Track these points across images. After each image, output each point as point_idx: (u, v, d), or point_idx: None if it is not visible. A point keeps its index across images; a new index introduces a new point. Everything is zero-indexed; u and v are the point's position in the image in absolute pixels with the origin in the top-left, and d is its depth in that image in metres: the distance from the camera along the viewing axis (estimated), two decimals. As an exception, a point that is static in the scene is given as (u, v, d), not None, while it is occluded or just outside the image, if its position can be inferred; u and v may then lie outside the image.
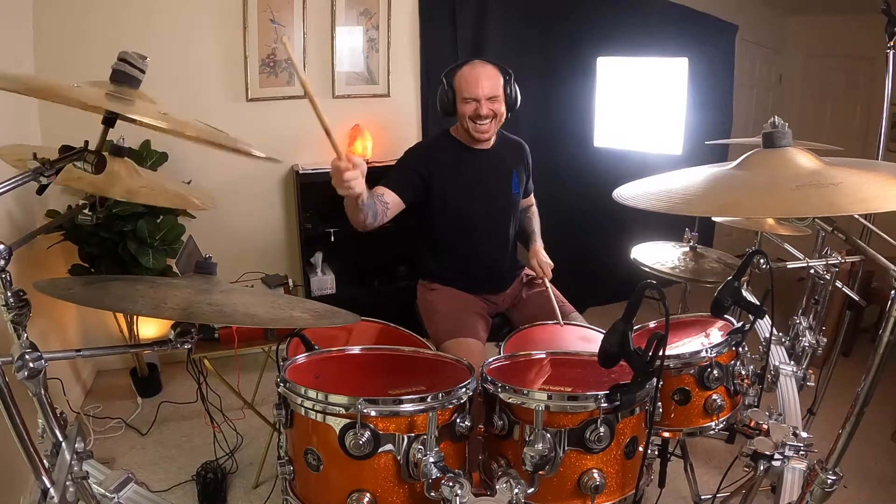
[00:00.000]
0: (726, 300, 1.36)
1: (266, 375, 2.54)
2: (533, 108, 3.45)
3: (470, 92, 1.89)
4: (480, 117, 1.91)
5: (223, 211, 3.04)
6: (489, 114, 1.91)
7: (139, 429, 2.62)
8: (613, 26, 3.44)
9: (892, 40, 1.97)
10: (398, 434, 1.05)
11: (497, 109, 1.93)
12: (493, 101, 1.91)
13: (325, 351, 1.34)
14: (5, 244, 0.84)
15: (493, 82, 1.90)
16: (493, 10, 3.29)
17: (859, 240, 1.02)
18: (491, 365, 1.30)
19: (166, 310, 0.99)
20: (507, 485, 1.03)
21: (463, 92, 1.91)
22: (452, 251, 2.07)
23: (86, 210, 1.21)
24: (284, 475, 1.16)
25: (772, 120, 1.10)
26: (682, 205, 1.03)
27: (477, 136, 1.95)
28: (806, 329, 1.88)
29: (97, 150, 0.94)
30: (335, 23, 3.03)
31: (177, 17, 2.80)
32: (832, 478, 1.00)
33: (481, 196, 2.04)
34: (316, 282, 3.09)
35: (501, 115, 1.95)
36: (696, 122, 3.02)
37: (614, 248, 2.42)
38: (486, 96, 1.89)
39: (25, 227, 2.39)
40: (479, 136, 1.95)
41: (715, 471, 2.29)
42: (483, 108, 1.89)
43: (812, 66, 4.51)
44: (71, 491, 0.90)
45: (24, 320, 0.87)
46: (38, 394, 0.88)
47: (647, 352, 1.09)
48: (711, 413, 1.40)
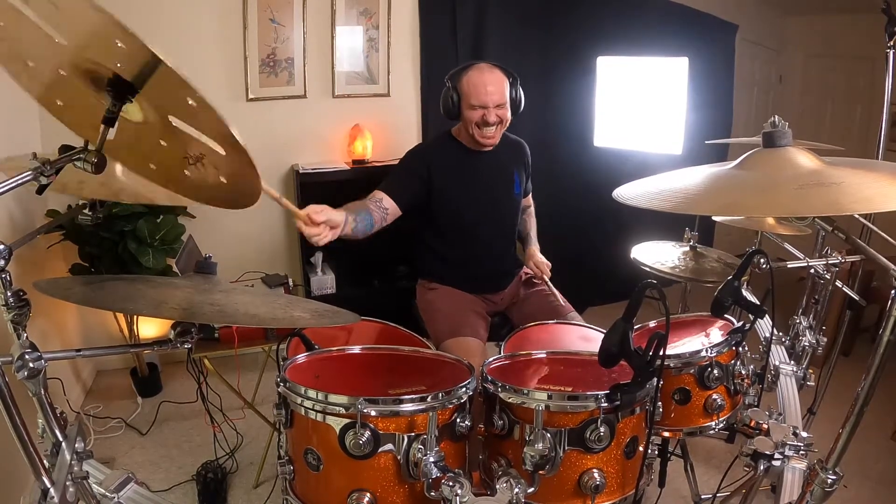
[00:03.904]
0: (726, 300, 1.36)
1: (266, 375, 2.54)
2: (533, 108, 3.42)
3: (478, 99, 1.87)
4: (488, 124, 1.89)
5: (223, 211, 3.01)
6: (496, 121, 1.90)
7: (139, 429, 2.62)
8: (613, 26, 3.43)
9: (892, 40, 1.97)
10: (398, 434, 1.05)
11: (503, 116, 1.91)
12: (501, 107, 1.90)
13: (325, 351, 1.34)
14: (5, 244, 0.84)
15: (500, 89, 1.88)
16: (493, 9, 3.29)
17: (859, 239, 1.02)
18: (491, 364, 1.30)
19: (167, 309, 0.99)
20: (507, 484, 1.03)
21: (470, 98, 1.88)
22: (453, 251, 2.07)
23: (86, 210, 1.21)
24: (284, 475, 1.16)
25: (772, 120, 1.10)
26: (682, 204, 1.03)
27: (482, 143, 1.94)
28: (806, 329, 1.88)
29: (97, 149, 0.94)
30: (335, 22, 3.03)
31: (177, 17, 2.80)
32: (832, 477, 0.99)
33: (483, 198, 2.04)
34: (316, 282, 3.09)
35: (507, 120, 1.94)
36: (696, 121, 3.02)
37: (614, 248, 2.42)
38: (495, 104, 1.87)
39: (25, 227, 2.39)
40: (485, 143, 1.94)
41: (715, 471, 2.29)
42: (491, 115, 1.88)
43: (812, 66, 4.51)
44: (71, 491, 0.90)
45: (24, 320, 0.87)
46: (38, 394, 0.88)
47: (648, 351, 1.09)
48: (711, 413, 1.40)
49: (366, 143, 3.10)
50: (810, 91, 4.53)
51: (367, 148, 3.11)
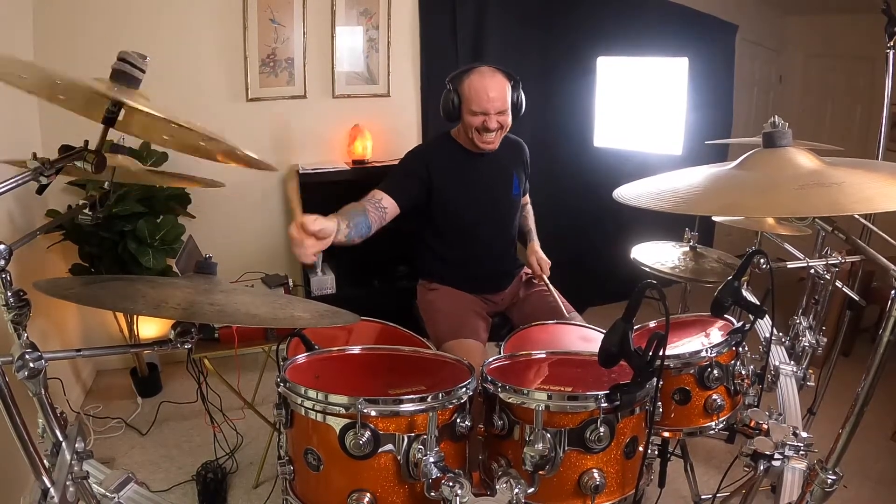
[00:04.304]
0: (726, 300, 1.36)
1: (266, 375, 2.54)
2: (533, 108, 3.42)
3: (480, 106, 1.85)
4: (489, 130, 1.88)
5: (223, 211, 3.04)
6: (497, 127, 1.89)
7: (139, 429, 2.62)
8: (613, 26, 3.43)
9: (892, 40, 1.97)
10: (398, 434, 1.05)
11: (504, 122, 1.90)
12: (502, 114, 1.88)
13: (325, 351, 1.34)
14: (5, 244, 0.84)
15: (502, 95, 1.86)
16: (493, 9, 3.29)
17: (859, 240, 1.02)
18: (491, 365, 1.30)
19: (167, 309, 0.99)
20: (507, 485, 1.03)
21: (471, 104, 1.87)
22: (453, 252, 2.07)
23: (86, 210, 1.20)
24: (284, 475, 1.16)
25: (772, 120, 1.10)
26: (682, 204, 1.03)
27: (482, 147, 1.93)
28: (806, 329, 1.88)
29: (97, 149, 0.94)
30: (335, 23, 3.03)
31: (177, 17, 2.80)
32: (832, 478, 0.99)
33: (483, 199, 2.03)
34: (316, 282, 3.08)
35: (508, 125, 1.93)
36: (696, 122, 3.02)
37: (614, 248, 2.42)
38: (497, 110, 1.86)
39: (25, 227, 2.39)
40: (485, 148, 1.94)
41: (715, 471, 2.29)
42: (492, 122, 1.87)
43: (812, 66, 4.51)
44: (71, 491, 0.90)
45: (24, 320, 0.87)
46: (38, 394, 0.88)
47: (647, 352, 1.09)
48: (711, 413, 1.40)
49: (366, 143, 3.10)
50: (810, 91, 4.53)
51: (367, 148, 3.11)
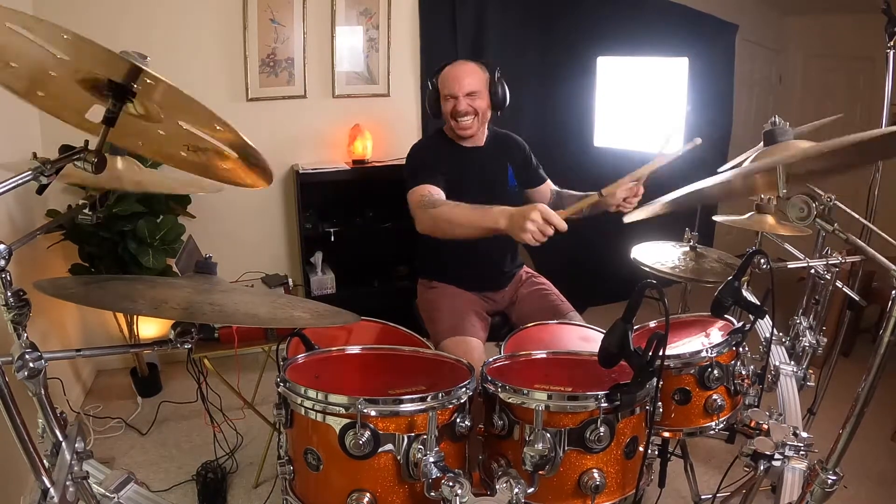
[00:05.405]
0: (726, 300, 1.36)
1: (266, 375, 2.54)
2: (533, 108, 3.45)
3: (449, 89, 1.92)
4: (459, 113, 1.92)
5: (223, 211, 3.04)
6: (468, 110, 1.92)
7: (139, 429, 2.62)
8: (613, 26, 3.43)
9: (892, 40, 1.98)
10: (398, 434, 1.05)
11: (478, 106, 1.93)
12: (473, 97, 1.92)
13: (325, 351, 1.33)
14: (5, 244, 0.84)
15: (472, 79, 1.91)
16: (493, 9, 3.29)
17: (859, 240, 1.02)
18: (491, 364, 1.30)
19: (167, 309, 0.99)
20: (507, 485, 1.03)
21: (444, 90, 1.94)
22: (452, 249, 2.06)
23: (86, 210, 1.20)
24: (284, 475, 1.16)
25: (772, 120, 1.11)
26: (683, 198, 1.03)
27: (460, 134, 1.97)
28: (806, 329, 1.88)
29: (97, 149, 0.94)
30: (335, 23, 3.03)
31: (177, 17, 2.80)
32: (832, 478, 0.99)
33: (478, 193, 2.02)
34: (316, 282, 3.09)
35: (484, 111, 1.96)
36: (696, 122, 3.01)
37: (614, 248, 2.41)
38: (465, 92, 1.90)
39: (25, 227, 2.39)
40: (462, 133, 1.97)
41: (715, 471, 2.29)
42: (461, 103, 1.91)
43: (812, 67, 4.51)
44: (71, 491, 0.90)
45: (24, 320, 0.87)
46: (38, 394, 0.88)
47: (647, 352, 1.09)
48: (712, 413, 1.40)
49: (366, 143, 3.10)
50: (810, 91, 4.53)
51: (367, 148, 3.11)
